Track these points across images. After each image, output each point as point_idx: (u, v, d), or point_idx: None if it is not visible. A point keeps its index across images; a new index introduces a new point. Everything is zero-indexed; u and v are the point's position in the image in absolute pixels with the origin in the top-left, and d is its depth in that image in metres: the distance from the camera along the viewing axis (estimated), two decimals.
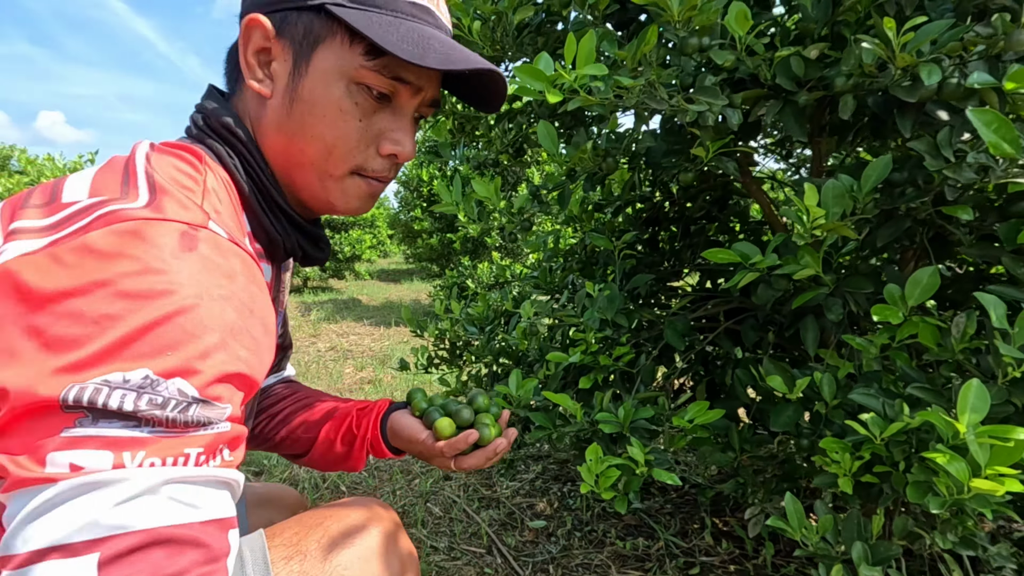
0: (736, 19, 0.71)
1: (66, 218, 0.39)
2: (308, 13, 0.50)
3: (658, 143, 0.95)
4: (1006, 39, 0.60)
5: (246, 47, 0.51)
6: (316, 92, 0.51)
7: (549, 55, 0.69)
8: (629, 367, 1.09)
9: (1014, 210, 0.73)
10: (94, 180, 0.42)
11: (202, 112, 0.52)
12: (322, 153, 0.53)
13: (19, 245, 0.38)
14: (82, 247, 0.37)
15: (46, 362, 0.34)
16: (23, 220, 0.40)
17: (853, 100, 0.71)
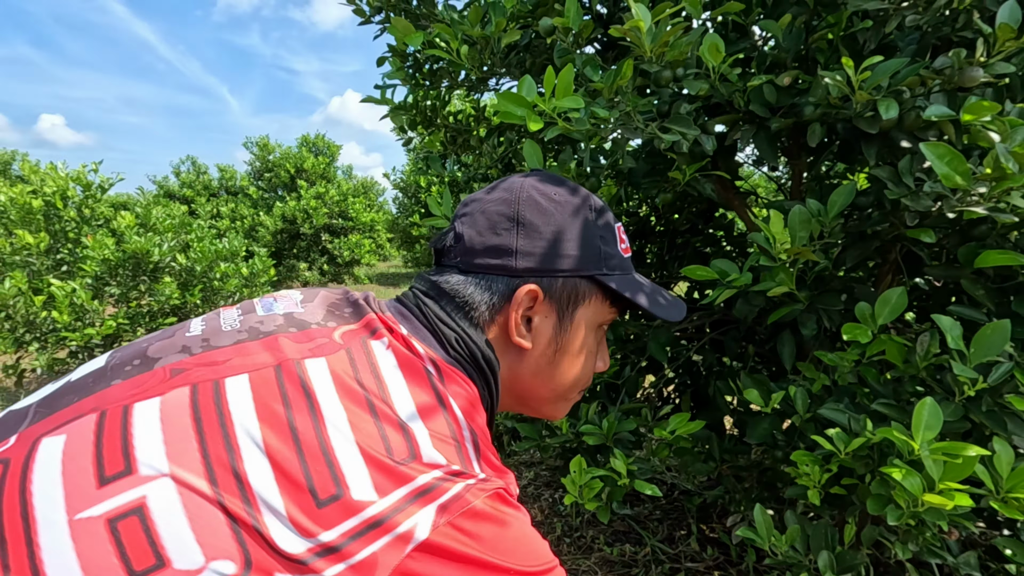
0: (709, 50, 0.74)
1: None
2: (574, 280, 0.59)
3: (639, 164, 0.98)
4: (959, 74, 0.64)
5: (518, 310, 0.58)
6: (577, 342, 0.61)
7: (533, 80, 0.72)
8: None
9: (974, 233, 0.77)
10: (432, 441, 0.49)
11: (464, 338, 0.58)
12: (570, 386, 0.64)
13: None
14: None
15: None
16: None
17: (821, 128, 0.75)
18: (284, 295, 0.60)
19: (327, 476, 0.44)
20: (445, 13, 1.07)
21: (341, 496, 0.44)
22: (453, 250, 0.61)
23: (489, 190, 0.63)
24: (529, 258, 0.59)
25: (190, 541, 0.41)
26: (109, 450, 0.43)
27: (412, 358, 0.53)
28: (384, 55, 1.22)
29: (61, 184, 2.73)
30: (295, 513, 0.43)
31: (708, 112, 0.87)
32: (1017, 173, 0.58)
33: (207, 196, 8.58)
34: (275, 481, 0.44)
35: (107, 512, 0.41)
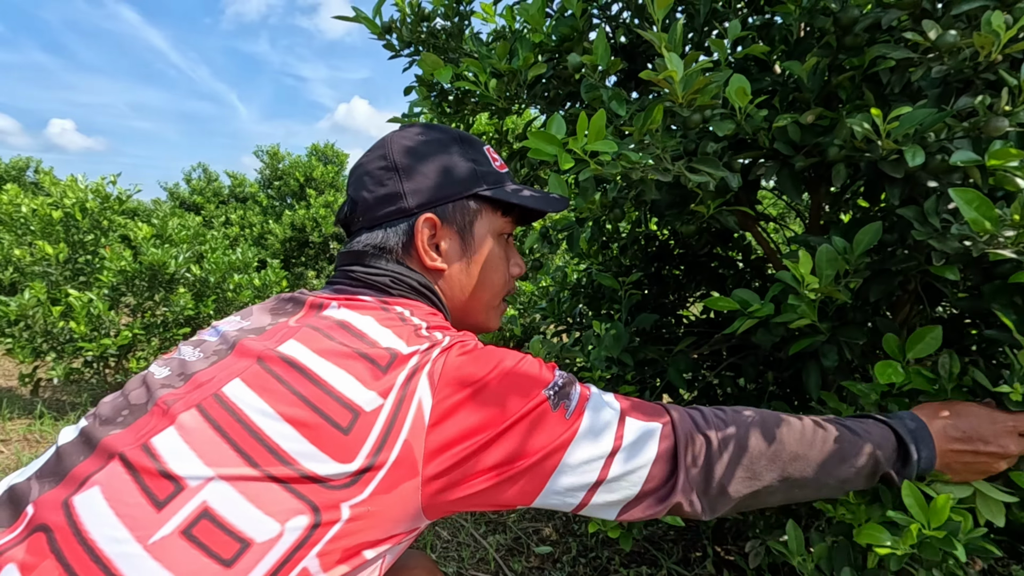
0: (736, 93, 0.76)
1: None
2: (461, 201, 0.69)
3: (663, 196, 1.00)
4: (984, 124, 0.65)
5: (421, 239, 0.67)
6: (483, 251, 0.72)
7: (560, 112, 0.74)
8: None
9: (999, 271, 0.78)
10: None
11: (395, 276, 0.67)
12: (493, 293, 0.75)
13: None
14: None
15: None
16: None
17: (845, 169, 0.76)
18: (223, 321, 0.66)
19: (339, 407, 0.51)
20: (473, 46, 1.10)
21: (358, 415, 0.51)
22: (354, 216, 0.69)
23: (365, 154, 0.72)
24: (417, 195, 0.67)
25: (260, 517, 0.47)
26: (150, 481, 0.47)
27: (363, 304, 0.61)
28: (411, 84, 1.25)
29: (80, 196, 2.77)
30: (330, 447, 0.49)
31: (732, 148, 0.88)
32: None
33: (216, 203, 8.65)
34: (300, 435, 0.49)
35: (178, 526, 0.45)
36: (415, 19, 1.05)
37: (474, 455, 0.53)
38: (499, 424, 0.53)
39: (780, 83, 0.94)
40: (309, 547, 0.48)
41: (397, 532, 0.54)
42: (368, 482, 0.50)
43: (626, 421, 0.59)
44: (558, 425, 0.55)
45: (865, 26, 0.74)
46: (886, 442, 0.64)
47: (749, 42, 0.95)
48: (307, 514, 0.48)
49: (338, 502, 0.49)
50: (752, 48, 0.85)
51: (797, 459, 0.61)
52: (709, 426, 0.61)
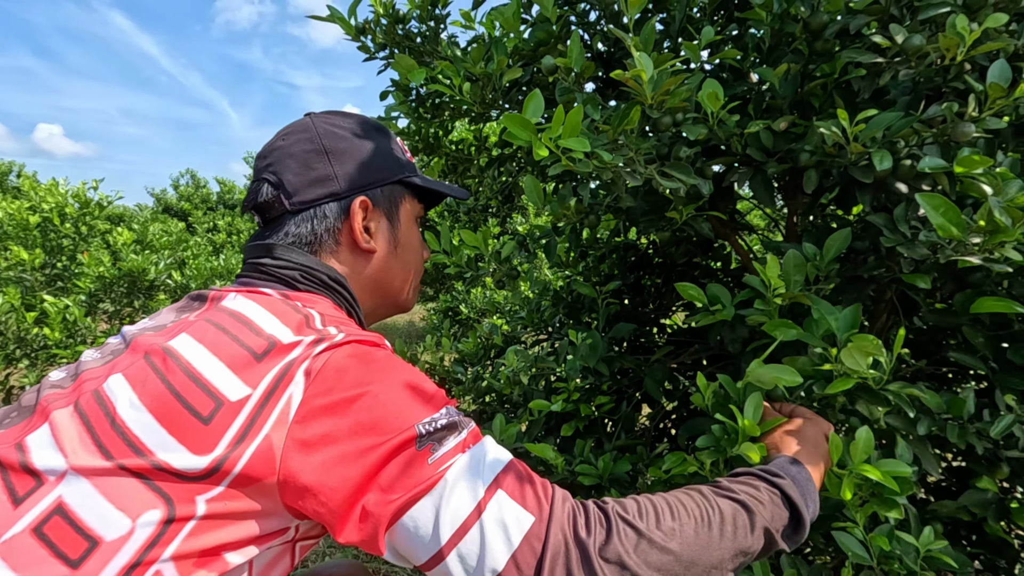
0: (708, 98, 0.76)
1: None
2: (390, 185, 0.72)
3: (638, 203, 0.99)
4: (952, 129, 0.65)
5: (356, 222, 0.68)
6: (407, 235, 0.75)
7: (541, 99, 0.70)
8: (610, 415, 1.12)
9: (969, 280, 0.78)
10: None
11: (306, 270, 0.65)
12: (415, 273, 0.78)
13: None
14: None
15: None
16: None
17: (816, 175, 0.76)
18: (135, 324, 0.64)
19: (203, 396, 0.48)
20: (448, 50, 1.09)
21: (222, 404, 0.48)
22: (275, 200, 0.67)
23: (281, 139, 0.70)
24: (348, 179, 0.68)
25: (111, 512, 0.45)
26: (14, 476, 0.47)
27: (261, 295, 0.60)
28: (388, 89, 1.24)
29: (60, 200, 2.73)
30: (187, 438, 0.47)
31: (706, 154, 0.88)
32: (1010, 227, 0.58)
33: (204, 210, 8.59)
34: (159, 424, 0.47)
35: (30, 524, 0.44)
36: (390, 21, 1.04)
37: (328, 468, 0.47)
38: (358, 442, 0.48)
39: (754, 90, 0.94)
40: (163, 545, 0.45)
41: (262, 534, 0.50)
42: (224, 476, 0.47)
43: (496, 496, 0.49)
44: (417, 471, 0.48)
45: (834, 31, 0.73)
46: (777, 514, 0.56)
47: (723, 48, 0.95)
48: (160, 508, 0.46)
49: (193, 495, 0.46)
50: (725, 53, 0.84)
51: (690, 567, 0.50)
52: (602, 529, 0.50)
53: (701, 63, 1.04)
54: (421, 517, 0.48)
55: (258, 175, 0.69)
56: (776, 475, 0.58)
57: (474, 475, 0.50)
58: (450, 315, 3.98)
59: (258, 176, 0.69)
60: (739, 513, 0.54)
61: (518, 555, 0.47)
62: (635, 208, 1.01)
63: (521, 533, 0.47)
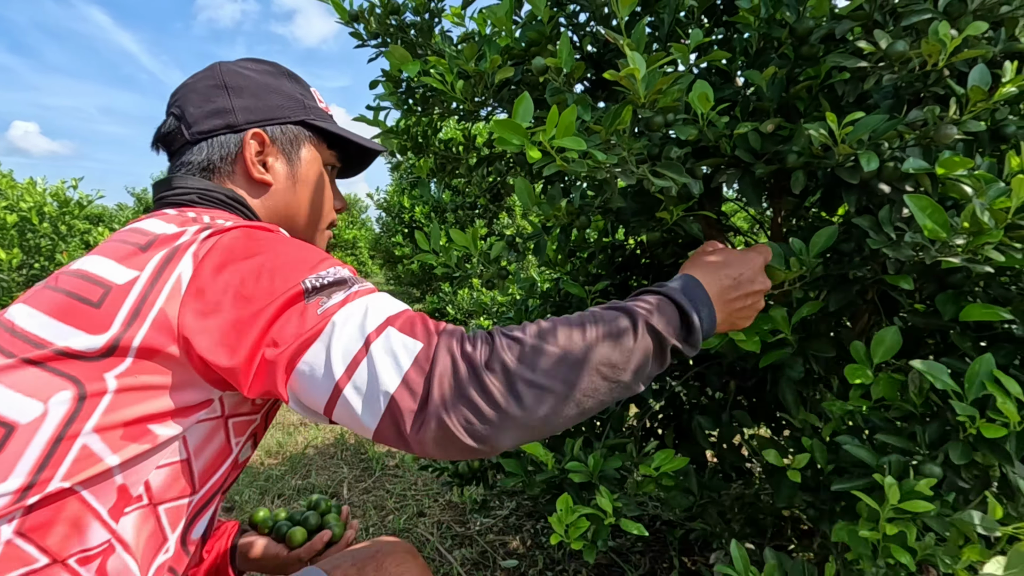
0: (699, 99, 0.77)
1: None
2: (290, 126, 0.74)
3: (628, 203, 1.00)
4: (934, 132, 0.67)
5: (249, 152, 0.71)
6: (310, 176, 0.76)
7: (531, 101, 0.70)
8: (600, 414, 1.12)
9: (950, 280, 0.79)
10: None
11: (205, 192, 0.68)
12: (315, 216, 0.79)
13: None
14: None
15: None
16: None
17: (803, 176, 0.77)
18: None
19: (90, 287, 0.53)
20: (442, 45, 1.09)
21: (109, 289, 0.53)
22: (177, 131, 0.71)
23: (190, 77, 0.74)
24: (245, 112, 0.71)
25: (21, 399, 0.49)
26: None
27: (159, 214, 0.63)
28: (378, 79, 1.23)
29: (39, 200, 2.67)
30: (82, 323, 0.51)
31: (696, 155, 0.89)
32: (993, 228, 0.60)
33: None
34: (54, 319, 0.52)
35: None
36: (385, 10, 1.04)
37: (228, 328, 0.51)
38: (250, 305, 0.51)
39: (742, 94, 0.96)
40: (81, 421, 0.49)
41: (183, 406, 0.54)
42: (126, 351, 0.51)
43: (386, 332, 0.51)
44: (305, 319, 0.51)
45: (820, 36, 0.75)
46: (663, 314, 0.58)
47: (711, 50, 0.96)
48: (69, 388, 0.50)
49: (100, 372, 0.50)
50: (713, 55, 0.85)
51: (576, 365, 0.52)
52: (490, 347, 0.52)
53: (690, 66, 1.06)
54: (315, 360, 0.50)
55: (167, 110, 0.73)
56: (662, 285, 0.64)
57: (363, 316, 0.52)
58: (437, 316, 3.98)
59: (166, 113, 0.73)
60: (621, 316, 0.57)
61: (408, 377, 0.49)
62: (625, 208, 1.02)
63: (410, 357, 0.50)
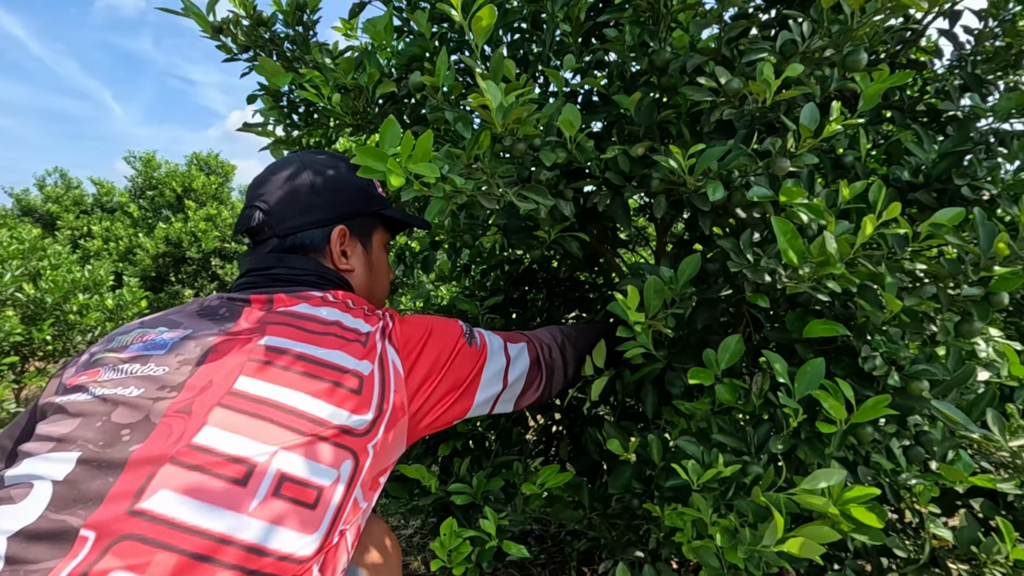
0: (564, 123, 0.78)
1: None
2: (365, 217, 0.87)
3: (511, 220, 1.00)
4: (772, 163, 0.71)
5: (337, 247, 0.82)
6: (381, 259, 0.91)
7: (399, 126, 0.69)
8: (488, 430, 1.11)
9: (798, 300, 0.85)
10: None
11: (319, 273, 0.79)
12: (383, 289, 0.93)
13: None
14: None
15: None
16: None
17: (665, 200, 0.80)
18: (141, 332, 0.69)
19: (344, 376, 0.66)
20: (319, 57, 1.04)
21: (362, 379, 0.67)
22: (265, 225, 0.80)
23: (271, 173, 0.83)
24: (328, 209, 0.82)
25: (322, 468, 0.60)
26: (220, 468, 0.55)
27: (310, 297, 0.74)
28: (256, 92, 1.17)
29: None
30: (350, 407, 0.64)
31: (569, 176, 0.90)
32: (838, 260, 0.65)
33: (77, 213, 7.72)
34: (324, 402, 0.63)
35: (267, 490, 0.56)
36: (252, 22, 0.98)
37: (436, 390, 0.75)
38: (443, 365, 0.76)
39: (621, 116, 0.99)
40: (356, 482, 0.64)
41: (394, 459, 0.73)
42: (380, 425, 0.67)
43: (507, 347, 0.86)
44: (474, 356, 0.80)
45: (677, 68, 0.78)
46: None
47: (590, 74, 0.99)
48: (350, 459, 0.63)
49: (365, 444, 0.65)
50: (587, 80, 0.87)
51: (581, 357, 0.99)
52: (551, 342, 0.94)
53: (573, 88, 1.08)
54: (488, 377, 0.82)
55: (250, 203, 0.81)
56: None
57: (494, 344, 0.85)
58: None
59: (250, 203, 0.81)
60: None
61: (531, 360, 0.89)
62: (508, 226, 1.02)
63: (525, 353, 0.89)
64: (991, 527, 0.93)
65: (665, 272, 0.82)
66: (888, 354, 0.73)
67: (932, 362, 0.79)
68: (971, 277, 0.71)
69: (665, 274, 0.82)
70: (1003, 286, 0.70)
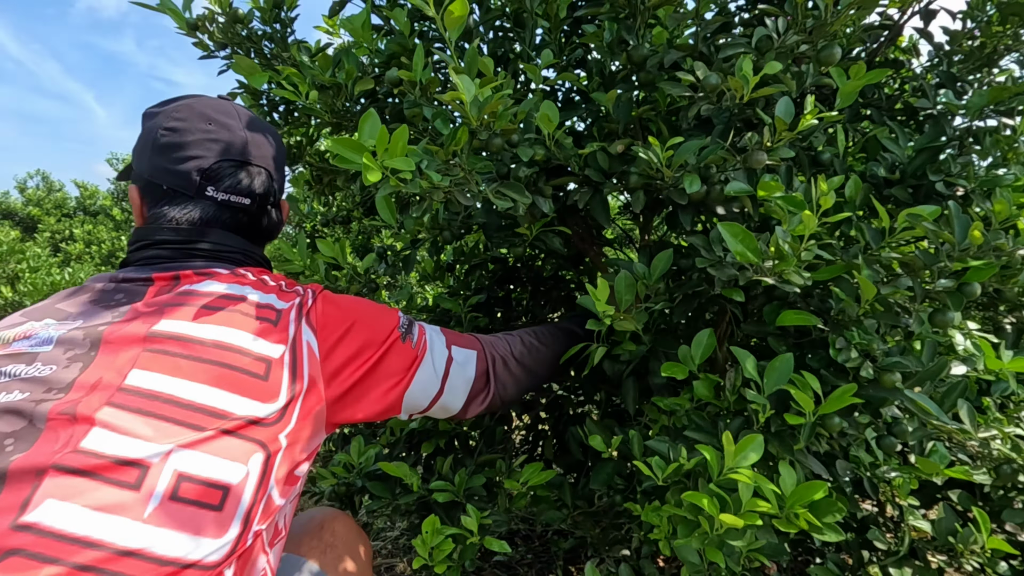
0: (542, 120, 0.78)
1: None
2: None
3: (491, 218, 1.00)
4: (748, 157, 0.71)
5: (284, 218, 0.85)
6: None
7: (379, 119, 0.69)
8: (472, 428, 1.11)
9: (774, 294, 0.86)
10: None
11: (244, 251, 0.76)
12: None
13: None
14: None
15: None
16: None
17: (643, 195, 0.80)
18: (25, 328, 0.63)
19: (251, 361, 0.61)
20: (297, 55, 1.04)
21: (270, 363, 0.62)
22: (269, 194, 0.80)
23: (271, 136, 0.81)
24: (279, 181, 0.84)
25: (228, 464, 0.56)
26: (111, 473, 0.51)
27: (221, 275, 0.69)
28: (235, 91, 1.16)
29: None
30: (257, 395, 0.60)
31: (549, 173, 0.90)
32: (792, 255, 0.65)
33: (59, 216, 7.61)
34: (225, 390, 0.59)
35: (164, 494, 0.52)
36: (228, 19, 0.97)
37: (359, 382, 0.70)
38: (369, 356, 0.71)
39: (600, 114, 0.99)
40: (269, 477, 0.60)
41: (312, 449, 0.68)
42: (292, 412, 0.62)
43: (453, 350, 0.80)
44: (408, 353, 0.75)
45: (655, 64, 0.78)
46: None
47: (570, 71, 0.99)
48: (260, 451, 0.59)
49: (276, 434, 0.61)
50: (565, 76, 0.87)
51: (543, 364, 0.92)
52: (508, 352, 0.87)
53: (552, 85, 1.08)
54: (422, 379, 0.76)
55: (250, 160, 0.76)
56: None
57: (437, 346, 0.79)
58: None
59: (250, 161, 0.76)
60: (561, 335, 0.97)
61: (479, 370, 0.83)
62: (490, 223, 1.01)
63: (473, 361, 0.83)
64: (968, 518, 0.94)
65: (638, 267, 0.82)
66: (862, 346, 0.74)
67: (906, 355, 0.79)
68: (947, 267, 0.72)
69: (638, 269, 0.82)
70: (976, 277, 0.70)
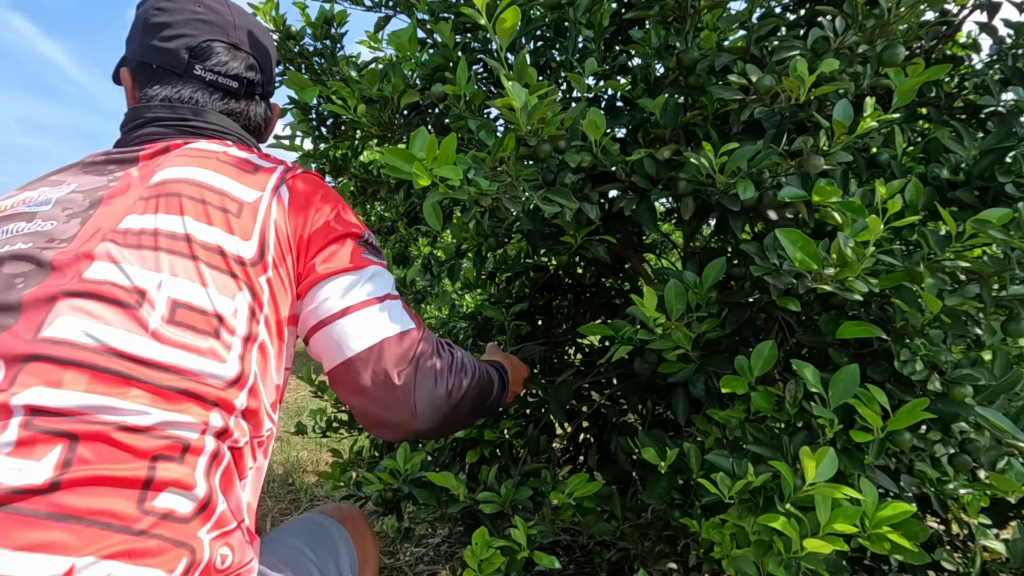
0: (589, 126, 0.77)
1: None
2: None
3: (536, 226, 1.00)
4: (805, 162, 0.69)
5: (274, 123, 0.90)
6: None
7: (427, 134, 0.70)
8: (516, 437, 1.11)
9: (832, 302, 0.83)
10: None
11: (242, 137, 0.80)
12: None
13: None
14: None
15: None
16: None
17: (693, 202, 0.79)
18: (28, 193, 0.66)
19: (225, 199, 0.64)
20: (346, 70, 1.07)
21: (243, 204, 0.65)
22: (258, 83, 0.83)
23: (258, 25, 0.85)
24: (269, 74, 0.89)
25: (217, 296, 0.59)
26: (117, 292, 0.55)
27: (239, 145, 0.75)
28: (286, 107, 1.20)
29: None
30: (233, 227, 0.63)
31: (595, 180, 0.90)
32: (856, 262, 0.63)
33: None
34: (211, 226, 0.61)
35: (162, 317, 0.56)
36: (282, 37, 1.01)
37: (307, 245, 0.70)
38: (328, 234, 0.71)
39: (644, 120, 0.98)
40: (257, 319, 0.61)
41: (293, 313, 0.69)
42: (267, 257, 0.64)
43: (399, 300, 0.75)
44: (356, 256, 0.72)
45: (705, 67, 0.77)
46: (500, 387, 0.89)
47: (613, 79, 0.98)
48: (244, 289, 0.61)
49: (257, 276, 0.62)
50: (611, 83, 0.87)
51: (471, 400, 0.79)
52: (442, 360, 0.75)
53: (596, 92, 1.07)
54: (346, 285, 0.70)
55: (237, 45, 0.80)
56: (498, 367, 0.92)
57: (384, 282, 0.74)
58: None
59: (237, 46, 0.79)
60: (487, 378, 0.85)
61: (405, 342, 0.71)
62: (534, 231, 1.01)
63: (409, 333, 0.72)
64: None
65: (689, 276, 0.80)
66: (928, 357, 0.70)
67: (977, 366, 0.75)
68: (1018, 275, 0.68)
69: (689, 278, 0.80)
70: None
